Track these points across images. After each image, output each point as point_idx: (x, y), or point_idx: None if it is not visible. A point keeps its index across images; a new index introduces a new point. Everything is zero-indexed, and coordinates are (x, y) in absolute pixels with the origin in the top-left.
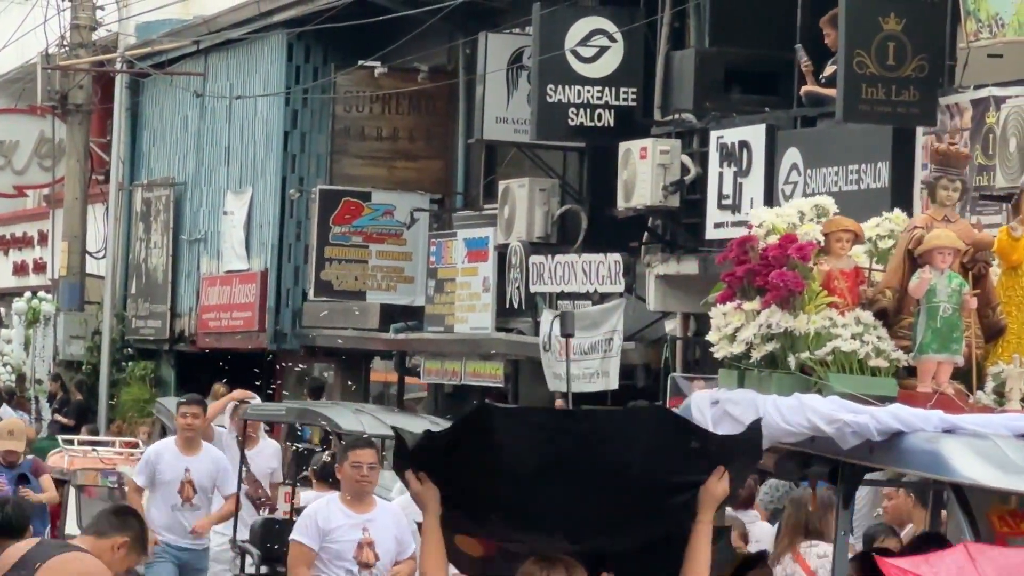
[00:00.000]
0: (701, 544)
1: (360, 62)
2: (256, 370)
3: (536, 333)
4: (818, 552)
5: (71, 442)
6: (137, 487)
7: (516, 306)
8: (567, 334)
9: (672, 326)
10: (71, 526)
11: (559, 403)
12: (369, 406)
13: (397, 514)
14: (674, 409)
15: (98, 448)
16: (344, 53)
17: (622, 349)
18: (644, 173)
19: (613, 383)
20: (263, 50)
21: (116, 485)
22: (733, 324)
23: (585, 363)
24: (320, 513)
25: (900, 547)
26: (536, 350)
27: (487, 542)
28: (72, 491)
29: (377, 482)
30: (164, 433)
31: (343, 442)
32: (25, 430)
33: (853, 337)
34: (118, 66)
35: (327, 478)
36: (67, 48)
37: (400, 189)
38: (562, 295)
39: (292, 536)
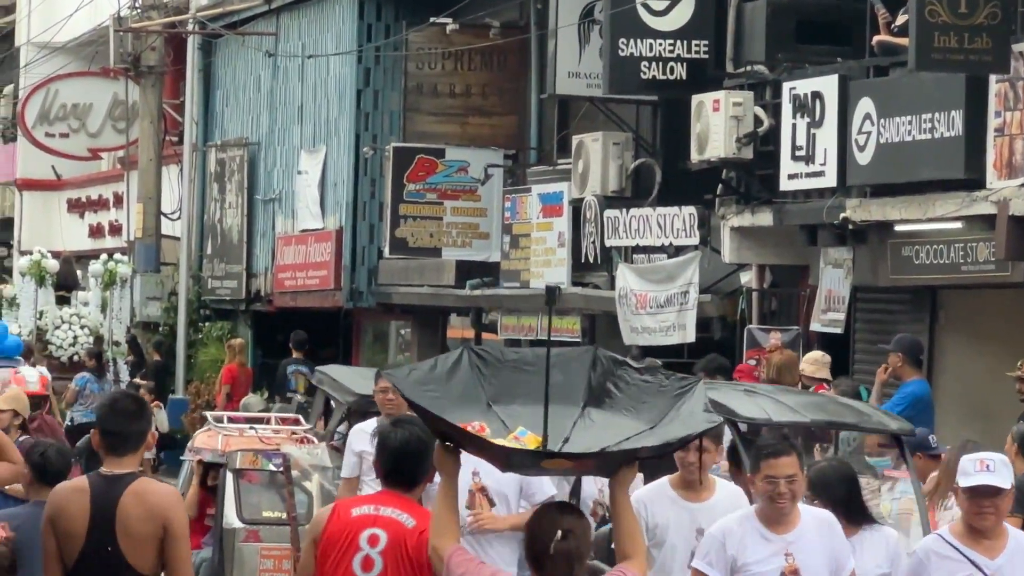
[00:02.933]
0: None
1: (432, 19)
2: (332, 329)
3: (612, 287)
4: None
5: (221, 419)
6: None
7: (591, 260)
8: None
9: (748, 278)
10: (231, 517)
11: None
12: (763, 387)
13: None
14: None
15: (256, 426)
16: (415, 10)
17: (698, 302)
18: (717, 125)
19: (690, 336)
20: (335, 8)
21: (281, 468)
22: None
23: (661, 316)
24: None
25: None
26: (612, 304)
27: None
28: (229, 476)
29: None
30: (328, 408)
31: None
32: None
33: None
34: (190, 27)
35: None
36: (139, 10)
37: (473, 145)
38: (637, 248)
39: (693, 564)
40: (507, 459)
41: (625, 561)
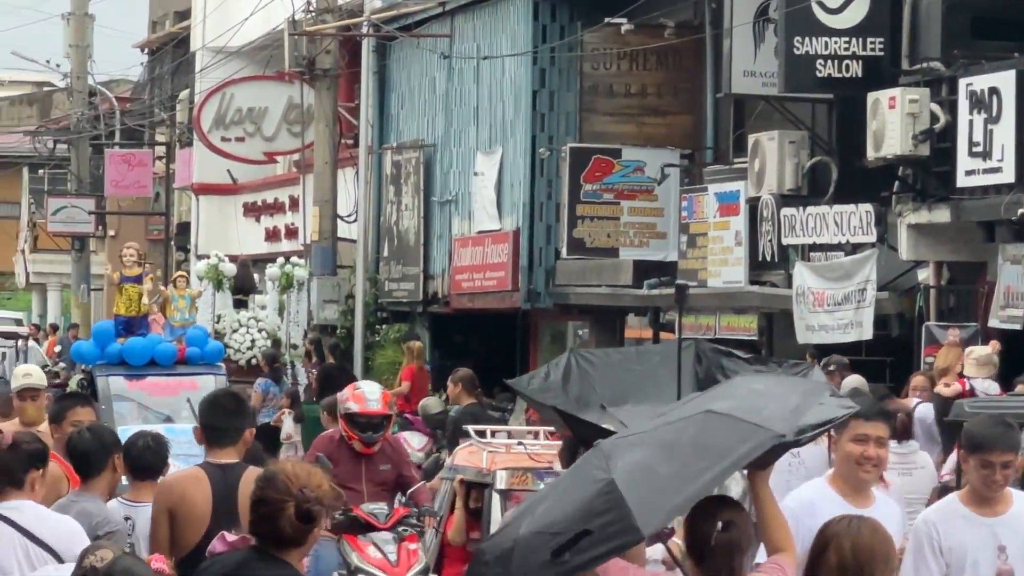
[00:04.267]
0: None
1: (606, 19)
2: (510, 330)
3: (789, 285)
4: None
5: (483, 433)
6: None
7: (768, 259)
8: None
9: (925, 275)
10: None
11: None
12: None
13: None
14: None
15: (524, 441)
16: (590, 10)
17: (875, 299)
18: (893, 122)
19: (867, 333)
20: (509, 10)
21: None
22: None
23: (839, 314)
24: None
25: None
26: (789, 302)
27: None
28: (495, 498)
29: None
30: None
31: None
32: None
33: None
34: (364, 30)
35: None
36: (313, 14)
37: (650, 145)
38: (814, 247)
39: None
40: None
41: (779, 554)
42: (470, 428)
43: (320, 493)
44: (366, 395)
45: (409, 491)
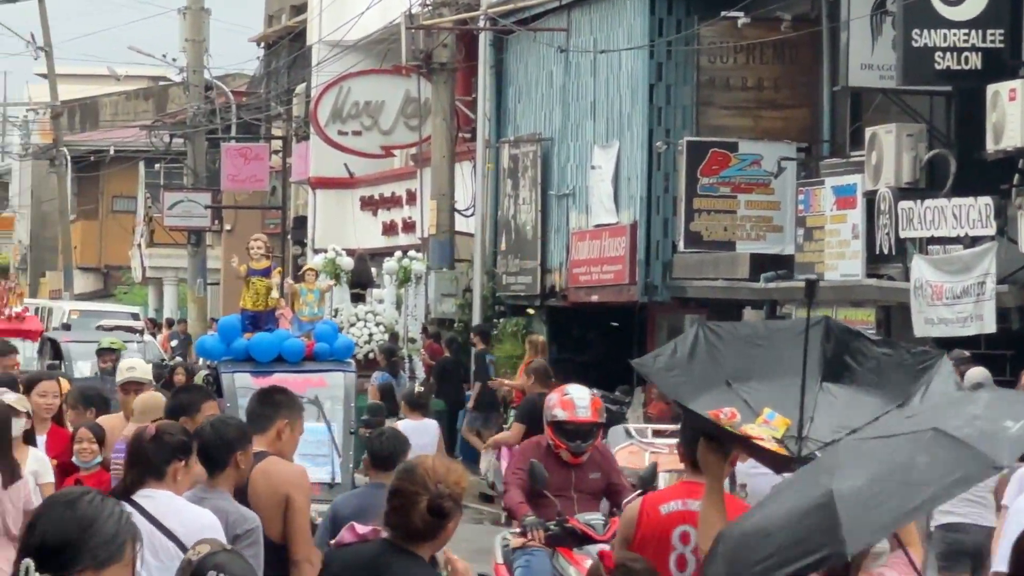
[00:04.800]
0: None
1: (723, 13)
2: (627, 323)
3: (906, 279)
4: None
5: (644, 433)
6: None
7: (886, 252)
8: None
9: None
10: None
11: None
12: None
13: None
14: None
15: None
16: (707, 4)
17: (995, 292)
18: (1013, 115)
19: (989, 327)
20: (626, 4)
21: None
22: None
23: (958, 307)
24: None
25: None
26: (907, 295)
27: None
28: None
29: None
30: None
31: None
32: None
33: None
34: (481, 24)
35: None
36: (430, 7)
37: (766, 138)
38: (932, 240)
39: None
40: (784, 464)
41: (910, 547)
42: (630, 427)
43: (456, 490)
44: (575, 402)
45: (623, 500)
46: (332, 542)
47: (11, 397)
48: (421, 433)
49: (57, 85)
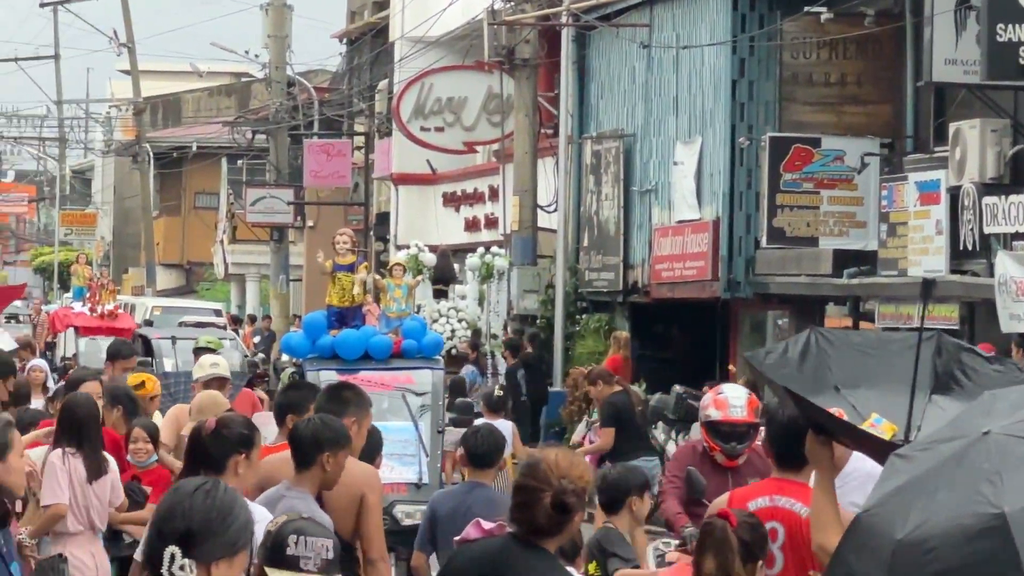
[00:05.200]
0: None
1: (806, 8)
2: (710, 319)
3: (991, 275)
4: None
5: None
6: None
7: (970, 248)
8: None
9: None
10: None
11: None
12: None
13: None
14: None
15: None
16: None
17: None
18: None
19: None
20: None
21: None
22: None
23: None
24: None
25: None
26: (991, 292)
27: None
28: None
29: None
30: None
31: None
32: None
33: None
34: (564, 20)
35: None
36: (513, 3)
37: (849, 134)
38: (1017, 235)
39: None
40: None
41: None
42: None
43: (579, 484)
44: (729, 400)
45: None
46: (456, 539)
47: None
48: None
49: (140, 81)
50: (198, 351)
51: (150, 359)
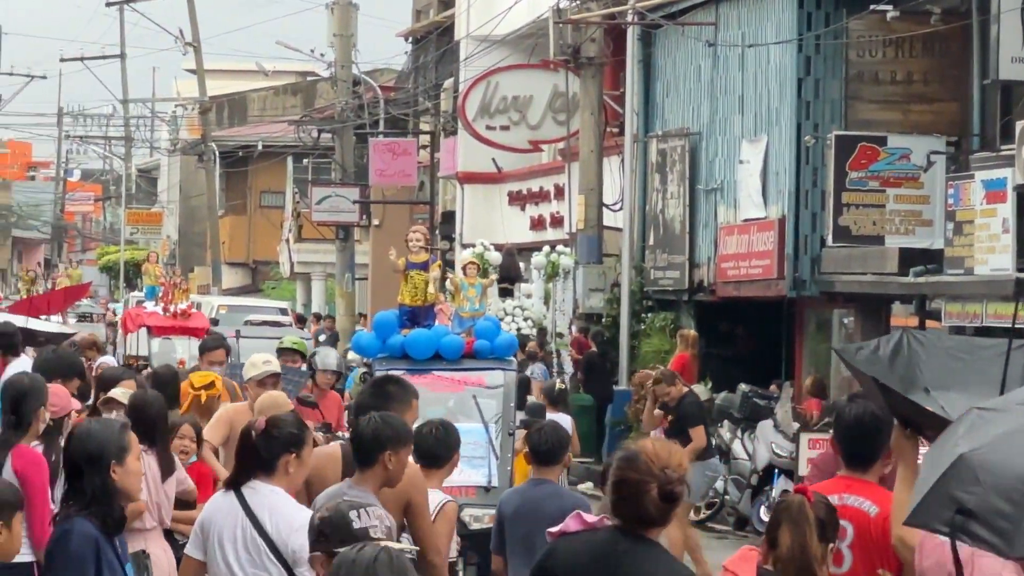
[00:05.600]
0: None
1: (872, 6)
2: (775, 318)
3: None
4: None
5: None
6: None
7: None
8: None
9: None
10: None
11: None
12: None
13: None
14: None
15: None
16: None
17: None
18: None
19: None
20: None
21: None
22: None
23: None
24: None
25: None
26: None
27: None
28: None
29: None
30: None
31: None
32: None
33: None
34: (629, 18)
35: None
36: (578, 2)
37: (915, 132)
38: None
39: None
40: None
41: None
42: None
43: (680, 472)
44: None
45: None
46: (553, 530)
47: (117, 391)
48: None
49: (205, 81)
50: (282, 352)
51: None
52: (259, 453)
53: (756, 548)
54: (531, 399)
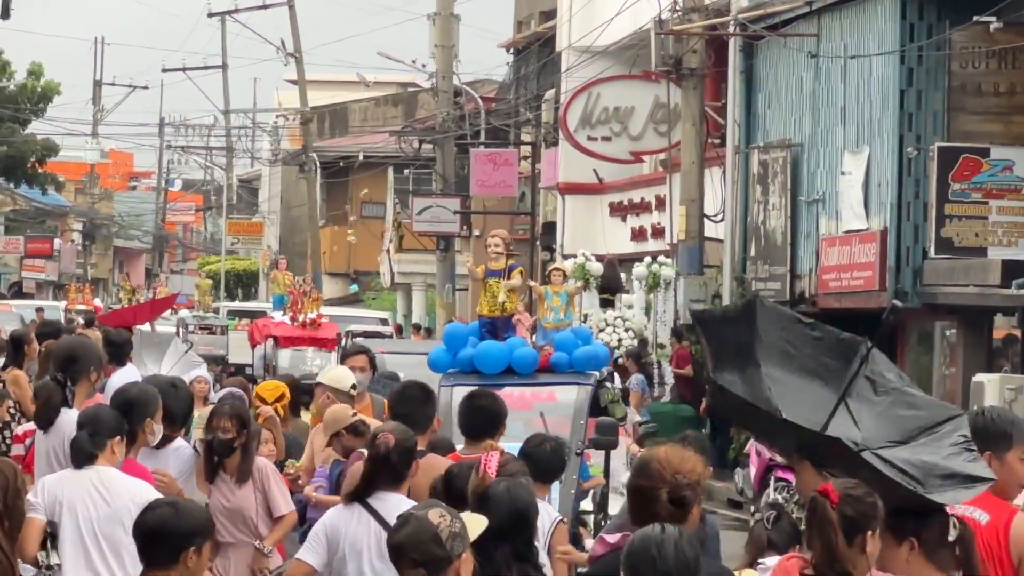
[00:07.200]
0: None
1: (975, 17)
2: (877, 330)
3: None
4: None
5: None
6: None
7: None
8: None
9: None
10: None
11: None
12: None
13: None
14: None
15: None
16: (958, 9)
17: None
18: None
19: None
20: (877, 9)
21: None
22: None
23: None
24: None
25: None
26: None
27: None
28: None
29: None
30: None
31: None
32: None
33: None
34: (731, 29)
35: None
36: (680, 13)
37: (1019, 144)
38: None
39: None
40: None
41: None
42: None
43: (692, 478)
44: None
45: None
46: (586, 558)
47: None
48: None
49: (307, 91)
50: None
51: None
52: (394, 466)
53: (796, 556)
54: (628, 409)
